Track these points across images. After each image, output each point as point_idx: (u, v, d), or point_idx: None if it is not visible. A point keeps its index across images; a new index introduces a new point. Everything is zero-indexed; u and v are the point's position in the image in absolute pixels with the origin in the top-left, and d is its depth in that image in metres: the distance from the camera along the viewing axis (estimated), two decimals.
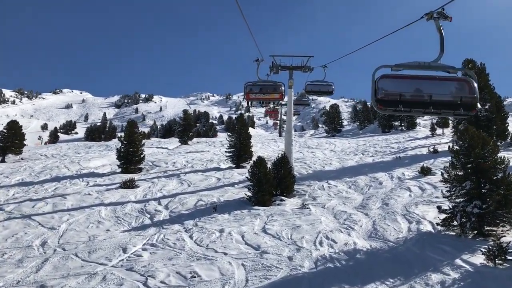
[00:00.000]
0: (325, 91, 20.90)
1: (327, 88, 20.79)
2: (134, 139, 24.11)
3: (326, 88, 20.80)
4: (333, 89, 20.82)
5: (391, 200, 15.65)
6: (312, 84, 20.86)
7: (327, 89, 20.80)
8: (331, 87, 20.82)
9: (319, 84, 20.80)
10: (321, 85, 20.74)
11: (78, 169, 25.80)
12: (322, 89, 20.82)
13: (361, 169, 21.95)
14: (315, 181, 19.35)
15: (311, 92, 21.14)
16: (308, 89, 21.09)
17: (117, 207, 16.17)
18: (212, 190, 18.47)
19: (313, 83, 20.88)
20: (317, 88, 20.66)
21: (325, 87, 20.81)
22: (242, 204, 16.01)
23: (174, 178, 21.30)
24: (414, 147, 30.20)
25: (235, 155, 24.17)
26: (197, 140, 47.67)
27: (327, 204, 15.59)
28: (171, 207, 16.03)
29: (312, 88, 20.86)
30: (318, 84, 20.85)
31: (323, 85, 20.83)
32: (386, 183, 18.27)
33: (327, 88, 20.78)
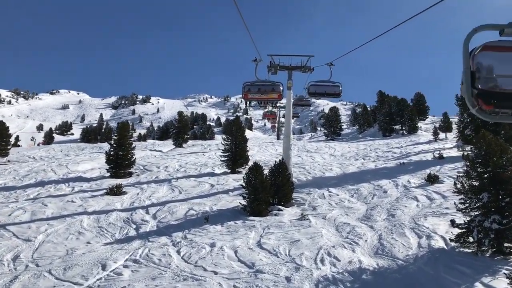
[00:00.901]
0: (331, 93, 17.86)
1: (334, 90, 17.68)
2: (124, 142, 22.86)
3: (332, 90, 17.71)
4: (340, 91, 17.71)
5: (398, 211, 14.49)
6: (316, 85, 17.91)
7: (334, 90, 17.70)
8: (339, 88, 17.70)
9: (324, 85, 17.88)
10: (327, 86, 17.81)
11: (66, 172, 24.54)
12: (328, 90, 17.78)
13: (363, 175, 20.80)
14: (315, 188, 18.17)
15: (315, 95, 18.11)
16: (311, 90, 18.07)
17: (101, 216, 14.95)
18: (205, 198, 17.27)
19: (317, 84, 17.94)
20: (322, 89, 17.68)
21: (331, 88, 17.72)
22: (236, 214, 14.81)
23: (164, 184, 20.07)
24: (417, 152, 29.09)
25: (231, 160, 22.96)
26: (193, 143, 46.45)
27: (328, 215, 14.41)
28: (159, 217, 14.83)
29: (316, 90, 17.92)
30: (323, 85, 17.91)
31: (329, 86, 17.86)
32: (391, 191, 17.12)
33: (333, 90, 17.68)
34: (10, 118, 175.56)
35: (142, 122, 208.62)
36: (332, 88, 17.78)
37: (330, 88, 17.80)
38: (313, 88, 17.91)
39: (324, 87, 17.83)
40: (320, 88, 17.84)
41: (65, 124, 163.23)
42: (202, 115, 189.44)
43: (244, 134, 23.94)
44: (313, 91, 17.95)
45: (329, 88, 17.79)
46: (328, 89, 17.81)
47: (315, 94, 18.02)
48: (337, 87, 17.79)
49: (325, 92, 17.82)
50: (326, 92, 17.82)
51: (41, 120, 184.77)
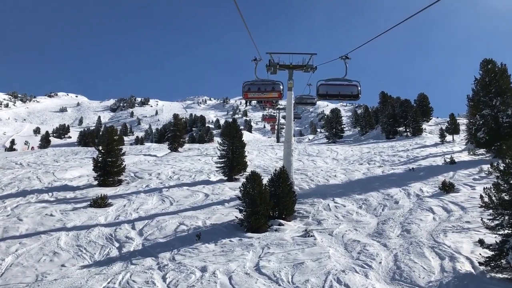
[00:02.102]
0: (347, 95, 14.52)
1: (350, 90, 14.30)
2: (112, 148, 21.30)
3: (348, 90, 14.37)
4: (359, 91, 14.43)
5: (413, 225, 12.92)
6: (327, 85, 14.56)
7: (350, 91, 14.33)
8: (356, 88, 14.16)
9: (338, 85, 14.45)
10: (341, 86, 14.34)
11: (51, 180, 22.97)
12: (343, 91, 14.41)
13: (370, 183, 19.24)
14: (319, 198, 16.60)
15: (326, 97, 14.92)
16: (321, 91, 14.70)
17: (81, 233, 13.39)
18: (198, 210, 15.70)
19: (329, 83, 14.59)
20: (335, 90, 14.20)
21: (347, 89, 14.35)
22: (232, 230, 13.24)
23: (155, 194, 18.48)
24: (426, 156, 27.57)
25: (227, 166, 21.37)
26: (189, 147, 44.84)
27: (335, 230, 12.83)
28: (146, 233, 13.26)
29: (327, 91, 14.59)
30: (336, 85, 14.51)
31: (344, 85, 14.42)
32: (403, 201, 15.55)
33: (349, 90, 14.31)
34: (7, 122, 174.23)
35: (140, 125, 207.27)
36: (348, 88, 14.37)
37: (345, 88, 14.27)
38: (324, 89, 14.61)
39: (338, 87, 14.36)
40: (333, 89, 14.41)
41: (62, 127, 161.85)
42: (201, 117, 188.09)
43: (242, 138, 22.35)
44: (323, 92, 14.65)
45: (344, 89, 14.29)
46: (343, 89, 14.32)
47: (327, 96, 14.81)
48: (354, 87, 14.35)
49: (339, 93, 14.42)
50: (341, 93, 14.43)
51: (38, 123, 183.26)
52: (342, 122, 56.83)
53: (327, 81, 15.03)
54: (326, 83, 15.04)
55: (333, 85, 14.90)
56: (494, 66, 23.01)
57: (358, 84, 14.87)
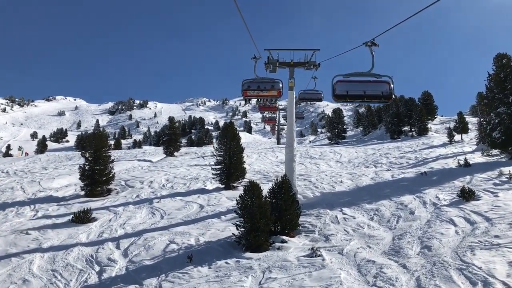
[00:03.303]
0: (375, 95, 11.02)
1: (381, 89, 10.90)
2: (100, 155, 19.75)
3: (377, 89, 10.94)
4: (391, 91, 10.90)
5: (433, 241, 11.34)
6: (347, 82, 11.03)
7: (381, 90, 10.91)
8: (388, 86, 10.71)
9: (363, 81, 10.99)
10: (367, 84, 10.93)
11: (36, 191, 21.43)
12: (371, 90, 10.96)
13: (380, 189, 17.68)
14: (326, 209, 15.03)
15: (347, 98, 11.20)
16: (339, 91, 11.03)
17: (58, 254, 11.84)
18: (191, 224, 14.13)
19: (350, 79, 11.05)
20: (359, 88, 10.76)
21: (375, 87, 10.97)
22: (229, 249, 11.68)
23: (144, 206, 16.90)
24: (435, 157, 26.01)
25: (224, 173, 19.78)
26: (186, 151, 43.30)
27: (345, 248, 11.26)
28: (132, 253, 11.70)
29: (349, 90, 10.97)
30: (360, 81, 11.00)
31: (371, 82, 10.99)
32: (419, 211, 13.98)
33: (379, 89, 10.91)
34: (4, 126, 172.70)
35: (139, 128, 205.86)
36: (377, 87, 10.84)
37: (373, 86, 10.59)
38: (343, 87, 11.00)
39: (363, 85, 10.53)
40: (356, 87, 10.58)
41: (60, 131, 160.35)
42: (200, 119, 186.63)
43: (240, 143, 20.76)
44: (342, 92, 10.97)
45: (372, 87, 10.67)
46: (370, 88, 10.61)
47: (347, 97, 10.99)
48: (385, 85, 10.77)
49: (364, 93, 10.64)
50: (367, 93, 10.65)
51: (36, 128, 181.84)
52: (344, 122, 55.25)
53: (347, 76, 10.99)
54: (346, 80, 10.98)
55: (355, 82, 10.83)
56: (509, 60, 21.46)
57: (390, 80, 10.74)
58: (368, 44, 11.45)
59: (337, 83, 11.38)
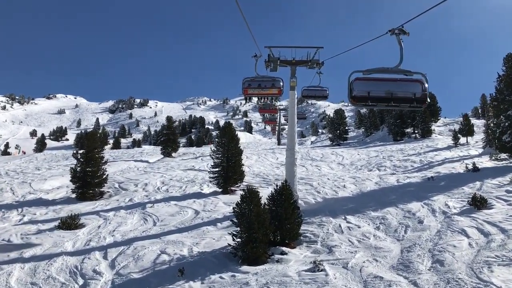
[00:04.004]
0: (405, 98, 8.81)
1: (412, 90, 8.69)
2: (93, 156, 18.89)
3: (408, 90, 8.72)
4: (425, 92, 8.77)
5: (445, 254, 10.45)
6: (368, 80, 8.86)
7: (412, 91, 8.70)
8: (421, 86, 8.68)
9: (390, 80, 8.82)
10: (395, 83, 8.74)
11: (26, 192, 20.60)
12: (399, 91, 8.72)
13: (385, 195, 16.80)
14: (328, 217, 14.15)
15: (368, 100, 8.86)
16: (358, 91, 8.81)
17: (40, 264, 10.99)
18: (185, 232, 13.26)
19: (372, 77, 8.86)
20: (384, 88, 8.60)
21: (405, 87, 8.76)
22: (224, 261, 10.81)
23: (137, 211, 16.02)
24: (441, 161, 25.12)
25: (221, 177, 18.88)
26: (184, 151, 42.39)
27: (350, 262, 10.38)
28: (119, 265, 10.83)
29: (371, 90, 8.73)
30: (386, 80, 8.80)
31: (398, 81, 8.82)
32: (428, 221, 13.10)
33: (410, 90, 8.70)
34: (3, 124, 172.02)
35: (139, 126, 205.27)
36: (407, 87, 8.62)
37: (401, 86, 8.50)
38: (364, 87, 8.64)
39: (389, 85, 8.27)
40: (381, 87, 8.38)
41: (59, 129, 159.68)
42: (200, 118, 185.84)
43: (239, 145, 19.87)
44: (362, 94, 8.60)
45: (400, 87, 8.56)
46: (399, 88, 8.47)
47: (368, 99, 8.64)
48: (417, 85, 8.53)
49: (391, 95, 8.35)
50: (394, 95, 8.34)
51: (36, 126, 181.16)
52: (346, 123, 54.35)
53: (369, 73, 8.64)
54: (366, 78, 8.67)
55: (379, 80, 8.58)
56: None
57: (423, 78, 8.53)
58: (396, 32, 8.93)
59: (355, 82, 8.80)
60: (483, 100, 66.90)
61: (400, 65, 8.90)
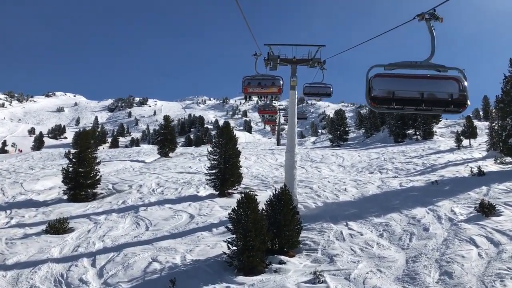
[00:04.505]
0: (439, 100, 6.96)
1: (447, 88, 6.94)
2: (85, 156, 18.25)
3: (442, 88, 6.94)
4: (464, 92, 6.90)
5: (454, 266, 9.85)
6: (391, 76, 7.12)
7: (447, 90, 6.92)
8: (458, 85, 6.86)
9: (418, 77, 7.07)
10: (426, 81, 6.97)
11: (17, 193, 19.97)
12: (431, 90, 6.90)
13: (388, 200, 16.20)
14: (329, 223, 13.53)
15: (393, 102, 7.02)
16: (379, 91, 7.10)
17: (23, 273, 10.35)
18: (178, 238, 12.64)
19: (395, 73, 7.17)
20: (412, 86, 6.92)
21: (439, 85, 6.97)
22: (219, 270, 10.18)
23: (129, 215, 15.38)
24: (444, 164, 24.52)
25: (218, 179, 18.24)
26: (181, 151, 41.74)
27: (353, 273, 9.76)
28: (108, 273, 10.20)
29: (396, 89, 6.98)
30: (414, 77, 7.09)
31: (430, 79, 7.03)
32: (434, 228, 12.49)
33: (445, 88, 6.94)
34: (2, 122, 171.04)
35: (138, 125, 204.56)
36: (440, 86, 6.96)
37: (433, 84, 6.91)
38: (385, 85, 7.04)
39: (419, 83, 6.81)
40: (407, 85, 6.84)
41: (58, 127, 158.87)
42: (200, 117, 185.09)
43: (237, 146, 19.24)
44: (383, 94, 7.04)
45: (432, 85, 6.93)
46: (430, 86, 6.88)
47: (392, 101, 6.96)
48: (453, 83, 6.88)
49: (421, 96, 6.81)
50: (426, 96, 6.85)
51: (34, 124, 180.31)
52: (347, 124, 53.69)
53: (392, 68, 7.10)
54: (390, 74, 7.09)
55: (406, 77, 6.98)
56: None
57: (461, 75, 6.95)
58: (426, 17, 7.15)
59: (375, 79, 7.08)
60: (485, 102, 66.28)
61: (431, 59, 7.22)
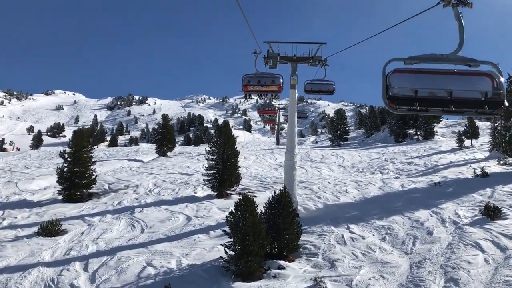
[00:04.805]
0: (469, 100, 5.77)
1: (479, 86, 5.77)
2: (81, 155, 17.85)
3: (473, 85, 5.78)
4: (500, 90, 5.74)
5: (460, 272, 9.47)
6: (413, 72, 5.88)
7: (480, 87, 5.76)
8: (491, 83, 5.67)
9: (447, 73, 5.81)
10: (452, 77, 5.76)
11: (11, 193, 19.58)
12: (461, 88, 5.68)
13: (390, 202, 15.82)
14: (330, 226, 13.15)
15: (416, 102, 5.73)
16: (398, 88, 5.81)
17: (13, 277, 9.97)
18: (174, 241, 12.26)
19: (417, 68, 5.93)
20: (438, 83, 5.68)
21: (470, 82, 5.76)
22: (215, 275, 9.81)
23: (124, 216, 15.00)
24: (446, 165, 24.15)
25: (216, 179, 17.85)
26: (180, 151, 41.37)
27: (355, 279, 9.39)
28: (100, 278, 9.82)
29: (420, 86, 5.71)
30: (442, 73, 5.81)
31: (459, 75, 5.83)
32: (438, 232, 12.11)
33: (476, 86, 5.77)
34: (1, 120, 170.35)
35: (137, 124, 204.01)
36: (470, 83, 5.76)
37: (463, 81, 5.67)
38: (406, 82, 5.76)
39: (445, 79, 5.61)
40: (432, 82, 5.65)
41: (57, 125, 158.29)
42: (199, 116, 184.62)
43: (235, 146, 18.84)
44: (405, 92, 5.77)
45: (462, 82, 5.68)
46: (459, 83, 5.63)
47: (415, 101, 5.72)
48: (486, 80, 5.77)
49: (449, 95, 5.57)
50: (455, 94, 5.58)
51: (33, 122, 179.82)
52: (347, 123, 53.29)
53: (413, 61, 5.95)
54: (411, 69, 5.92)
55: (432, 73, 5.81)
56: None
57: (495, 71, 5.87)
58: (453, 2, 6.01)
59: (394, 75, 5.77)
60: None
61: (459, 51, 5.95)
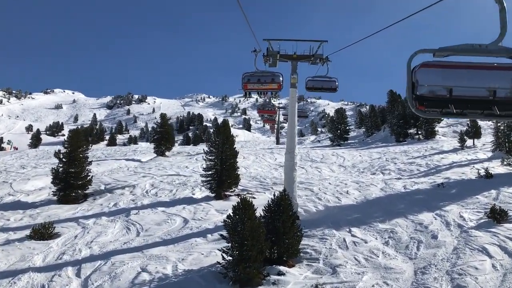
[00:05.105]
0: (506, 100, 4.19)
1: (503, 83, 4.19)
2: (76, 156, 17.46)
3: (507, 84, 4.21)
4: None
5: (467, 278, 9.10)
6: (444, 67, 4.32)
7: None
8: None
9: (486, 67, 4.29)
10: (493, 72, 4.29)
11: (5, 194, 19.20)
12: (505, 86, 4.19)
13: (393, 204, 15.45)
14: (331, 229, 12.76)
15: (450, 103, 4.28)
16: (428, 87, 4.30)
17: (1, 283, 9.61)
18: (171, 245, 11.87)
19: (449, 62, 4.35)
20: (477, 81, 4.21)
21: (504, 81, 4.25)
22: (212, 282, 9.43)
23: (120, 218, 14.61)
24: (449, 165, 23.77)
25: (215, 180, 17.47)
26: (178, 150, 40.96)
27: (357, 286, 9.02)
28: (93, 285, 9.45)
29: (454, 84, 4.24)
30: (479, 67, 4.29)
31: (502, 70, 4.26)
32: (443, 235, 11.73)
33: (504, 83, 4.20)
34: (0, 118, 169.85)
35: (136, 123, 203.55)
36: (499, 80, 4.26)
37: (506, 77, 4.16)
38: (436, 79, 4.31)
39: (483, 76, 4.19)
40: (468, 79, 4.21)
41: (56, 124, 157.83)
42: (199, 115, 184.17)
43: (234, 146, 18.45)
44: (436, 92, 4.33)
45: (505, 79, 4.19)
46: (501, 80, 4.17)
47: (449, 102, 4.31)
48: None
49: (493, 94, 4.19)
50: (498, 94, 4.16)
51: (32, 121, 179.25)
52: (347, 123, 52.88)
53: (444, 54, 4.49)
54: (442, 64, 4.38)
55: (468, 68, 4.32)
56: None
57: None
58: None
59: (422, 70, 4.42)
60: None
61: (501, 41, 4.62)
